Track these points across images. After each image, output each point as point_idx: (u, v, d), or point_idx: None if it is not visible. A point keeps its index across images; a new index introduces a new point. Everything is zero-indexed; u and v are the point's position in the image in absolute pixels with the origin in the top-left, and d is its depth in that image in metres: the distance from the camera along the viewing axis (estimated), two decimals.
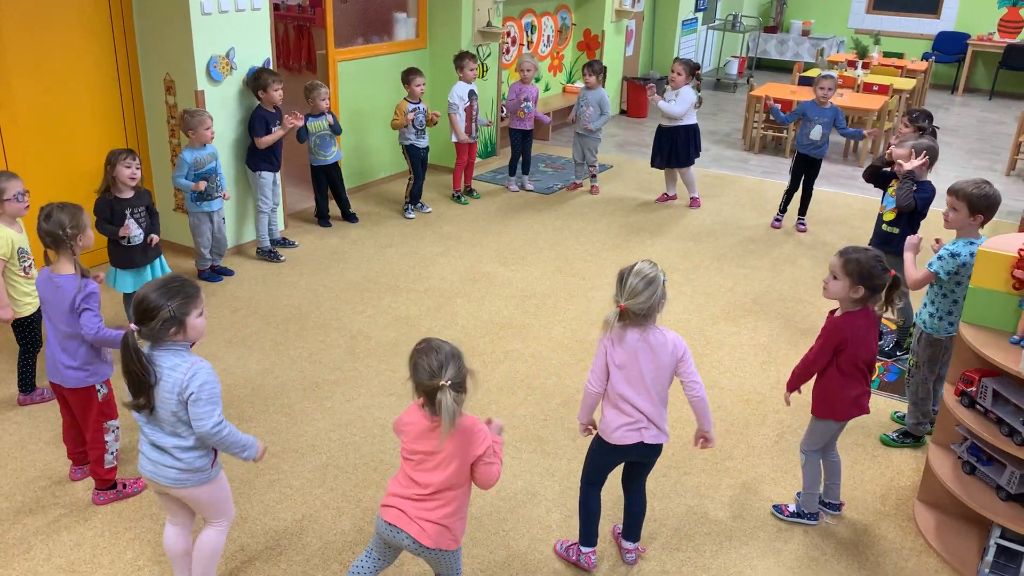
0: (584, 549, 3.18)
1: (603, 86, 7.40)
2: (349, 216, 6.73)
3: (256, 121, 5.68)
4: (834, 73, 6.65)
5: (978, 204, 3.65)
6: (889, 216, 4.64)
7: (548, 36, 9.75)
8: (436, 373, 2.43)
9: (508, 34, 8.94)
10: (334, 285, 5.57)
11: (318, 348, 4.75)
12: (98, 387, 3.39)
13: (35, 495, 3.50)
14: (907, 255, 3.86)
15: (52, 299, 3.29)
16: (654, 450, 3.05)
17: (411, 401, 2.61)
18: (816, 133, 6.61)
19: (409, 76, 6.63)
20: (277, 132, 5.73)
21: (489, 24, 7.90)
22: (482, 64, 8.07)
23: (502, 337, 4.96)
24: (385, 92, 7.41)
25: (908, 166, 4.48)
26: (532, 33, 9.41)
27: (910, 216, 4.58)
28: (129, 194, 4.50)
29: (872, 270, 3.11)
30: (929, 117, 5.85)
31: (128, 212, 4.49)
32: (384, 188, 7.57)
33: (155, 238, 4.63)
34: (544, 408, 4.25)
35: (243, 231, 6.03)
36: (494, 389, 4.40)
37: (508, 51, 9.00)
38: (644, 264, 2.82)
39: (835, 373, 3.26)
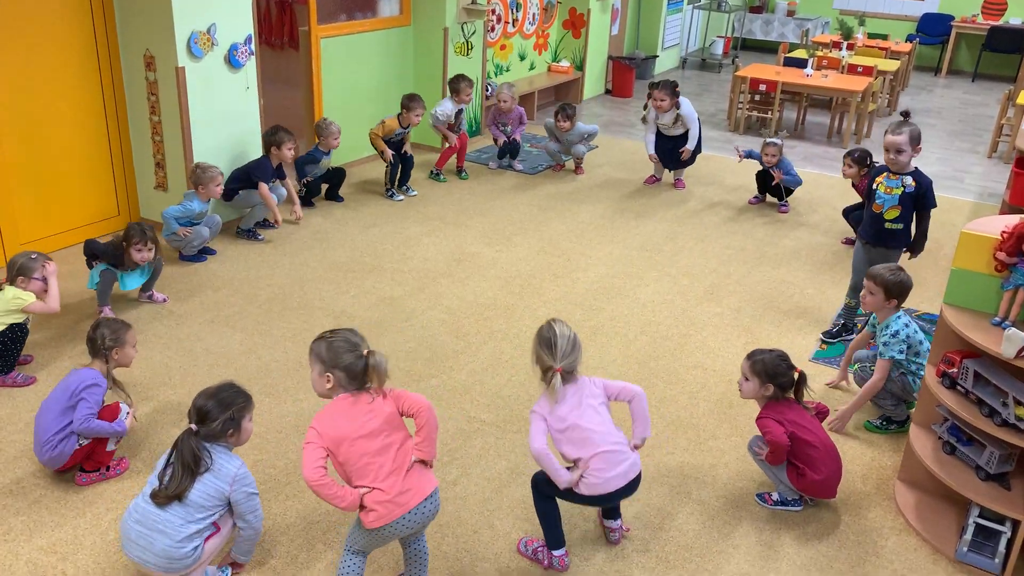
0: (555, 552, 3.09)
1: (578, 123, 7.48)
2: (335, 196, 6.67)
3: (261, 170, 5.72)
4: (778, 140, 6.76)
5: (893, 289, 3.88)
6: (891, 214, 4.56)
7: (533, 14, 9.67)
8: (358, 345, 2.71)
9: (493, 12, 8.86)
10: (317, 265, 5.54)
11: (301, 328, 4.73)
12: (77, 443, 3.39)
13: (15, 476, 3.47)
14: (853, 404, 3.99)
15: (61, 386, 3.41)
16: (636, 483, 3.04)
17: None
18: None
19: (411, 103, 6.59)
20: (261, 203, 5.74)
21: (474, 1, 7.82)
22: (467, 42, 8.00)
23: (487, 318, 4.95)
24: (368, 70, 7.34)
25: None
26: (517, 11, 9.33)
27: (913, 211, 4.58)
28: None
29: (776, 369, 3.38)
30: (868, 155, 6.09)
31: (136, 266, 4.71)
32: (367, 167, 7.52)
33: (157, 296, 4.96)
34: (528, 389, 4.25)
35: (223, 210, 5.97)
36: (479, 369, 4.40)
37: (493, 29, 8.93)
38: (560, 326, 2.93)
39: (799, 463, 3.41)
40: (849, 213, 6.25)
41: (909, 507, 3.51)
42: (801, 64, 9.75)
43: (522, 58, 9.71)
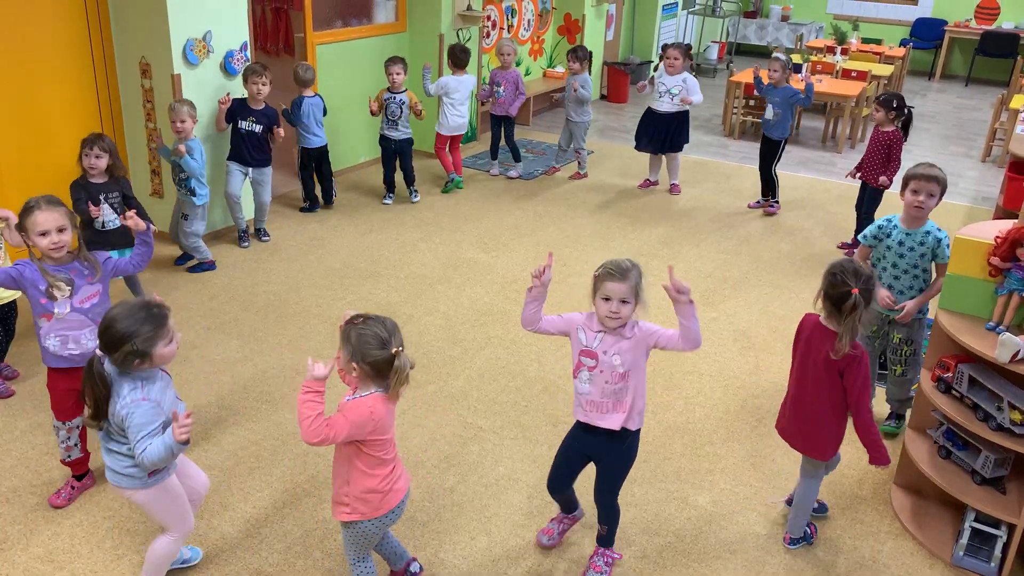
0: (615, 555, 3.20)
1: (588, 72, 7.37)
2: (328, 200, 6.66)
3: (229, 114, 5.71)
4: (783, 55, 6.68)
5: (945, 187, 3.87)
6: None
7: (528, 20, 9.70)
8: (388, 341, 2.49)
9: (488, 18, 8.88)
10: (313, 272, 5.54)
11: (298, 335, 4.72)
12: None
13: (12, 484, 3.46)
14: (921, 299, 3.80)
15: None
16: None
17: (352, 397, 2.57)
18: (768, 112, 6.75)
19: (385, 65, 6.58)
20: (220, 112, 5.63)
21: (469, 8, 7.84)
22: None
23: (483, 324, 4.95)
24: (364, 76, 7.35)
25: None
26: (512, 17, 9.35)
27: None
28: (102, 179, 4.47)
29: (831, 278, 2.90)
30: (899, 99, 5.78)
31: (102, 197, 4.47)
32: (362, 174, 7.53)
33: (152, 227, 4.67)
34: (525, 395, 4.25)
35: (220, 218, 5.97)
36: (475, 376, 4.40)
37: (488, 35, 8.95)
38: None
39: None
40: (862, 208, 6.06)
41: (905, 511, 3.52)
42: (795, 69, 9.77)
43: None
